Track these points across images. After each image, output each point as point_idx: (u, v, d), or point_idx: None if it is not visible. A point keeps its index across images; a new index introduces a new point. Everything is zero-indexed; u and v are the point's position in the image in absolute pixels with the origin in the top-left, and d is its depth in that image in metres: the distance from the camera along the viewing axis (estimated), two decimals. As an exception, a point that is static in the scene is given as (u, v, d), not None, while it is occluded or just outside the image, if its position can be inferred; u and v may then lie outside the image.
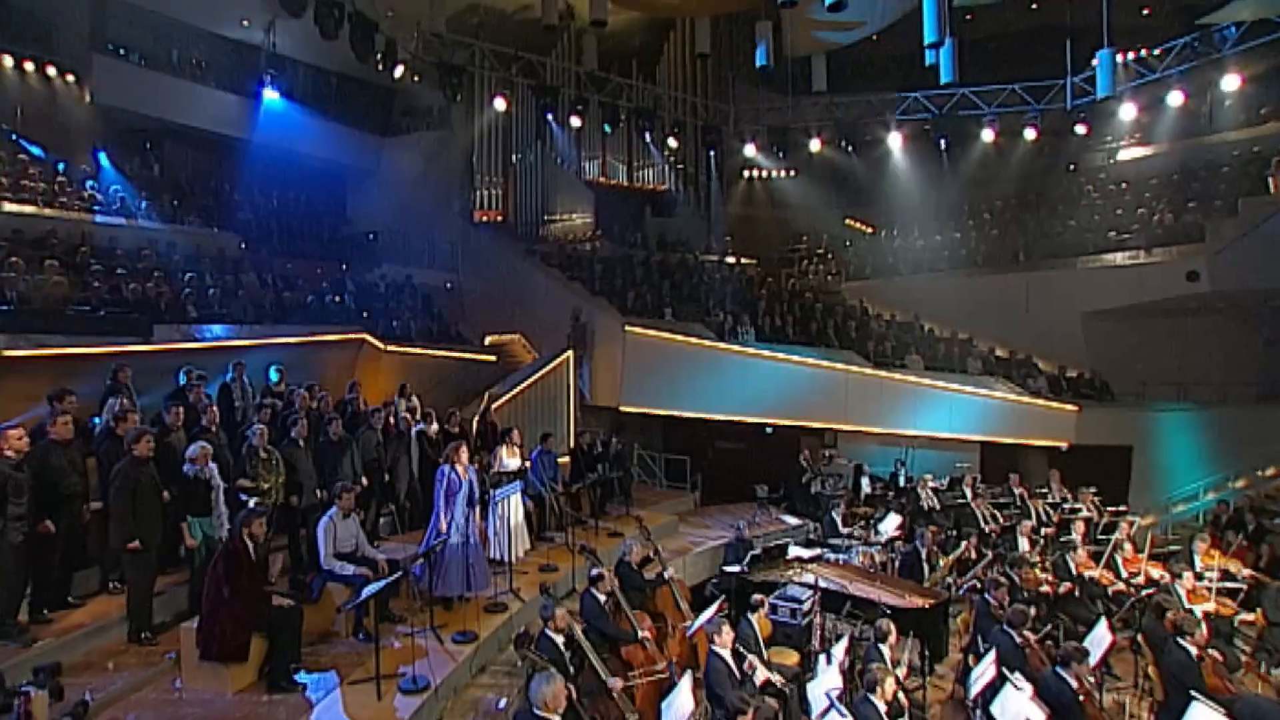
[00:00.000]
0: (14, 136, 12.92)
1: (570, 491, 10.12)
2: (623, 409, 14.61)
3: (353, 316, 13.75)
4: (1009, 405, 14.24)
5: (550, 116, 15.99)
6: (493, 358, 15.34)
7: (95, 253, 11.47)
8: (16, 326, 8.89)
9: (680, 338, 14.72)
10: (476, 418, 11.25)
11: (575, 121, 16.17)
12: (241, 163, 15.96)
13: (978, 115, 16.38)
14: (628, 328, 14.56)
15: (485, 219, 18.07)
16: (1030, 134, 16.46)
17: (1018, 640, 6.06)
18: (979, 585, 8.00)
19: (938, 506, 11.48)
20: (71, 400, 6.53)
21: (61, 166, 13.19)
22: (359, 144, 18.35)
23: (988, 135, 16.59)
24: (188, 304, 11.23)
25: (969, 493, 11.51)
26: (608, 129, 16.37)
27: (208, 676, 5.48)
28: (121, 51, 14.38)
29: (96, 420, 7.22)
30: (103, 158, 14.04)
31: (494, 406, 12.59)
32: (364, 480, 8.26)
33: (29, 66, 13.64)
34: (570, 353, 14.56)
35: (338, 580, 6.48)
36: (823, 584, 7.62)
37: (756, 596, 6.93)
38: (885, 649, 6.08)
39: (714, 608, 6.46)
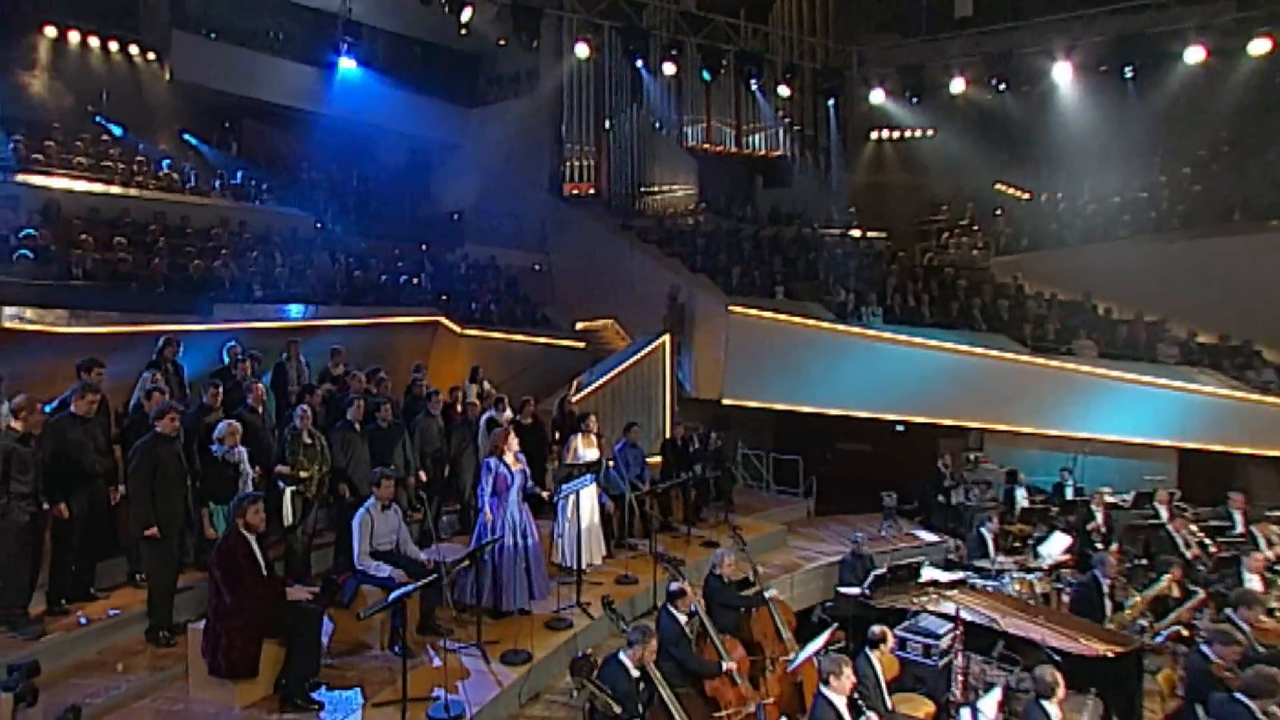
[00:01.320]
0: (98, 118, 13.55)
1: (657, 492, 9.30)
2: (725, 401, 13.64)
3: (430, 299, 13.73)
4: (1221, 403, 12.09)
5: (640, 64, 15.03)
6: (581, 343, 14.97)
7: (166, 231, 11.89)
8: (77, 302, 9.09)
9: (793, 319, 13.58)
10: (555, 407, 10.69)
11: (669, 69, 14.99)
12: (320, 139, 16.30)
13: (1179, 31, 13.38)
14: (732, 308, 13.59)
15: (576, 192, 17.67)
16: (1260, 47, 12.93)
17: (1259, 716, 4.66)
18: (1187, 633, 6.54)
19: (1113, 527, 9.81)
20: (100, 372, 6.37)
21: (141, 146, 13.87)
22: (443, 116, 18.52)
23: (1194, 56, 13.33)
24: (253, 283, 11.31)
25: (1164, 512, 9.76)
26: (707, 76, 15.23)
27: (216, 686, 5.07)
28: (200, 28, 14.97)
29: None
30: (187, 137, 14.89)
31: (578, 396, 12.11)
32: (421, 474, 7.81)
33: (113, 47, 14.51)
34: (667, 337, 13.78)
35: (372, 582, 5.97)
36: (966, 616, 6.37)
37: (878, 628, 5.82)
38: (1052, 708, 4.85)
39: (824, 638, 5.48)
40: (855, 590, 7.73)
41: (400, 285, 13.84)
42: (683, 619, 5.91)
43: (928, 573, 7.83)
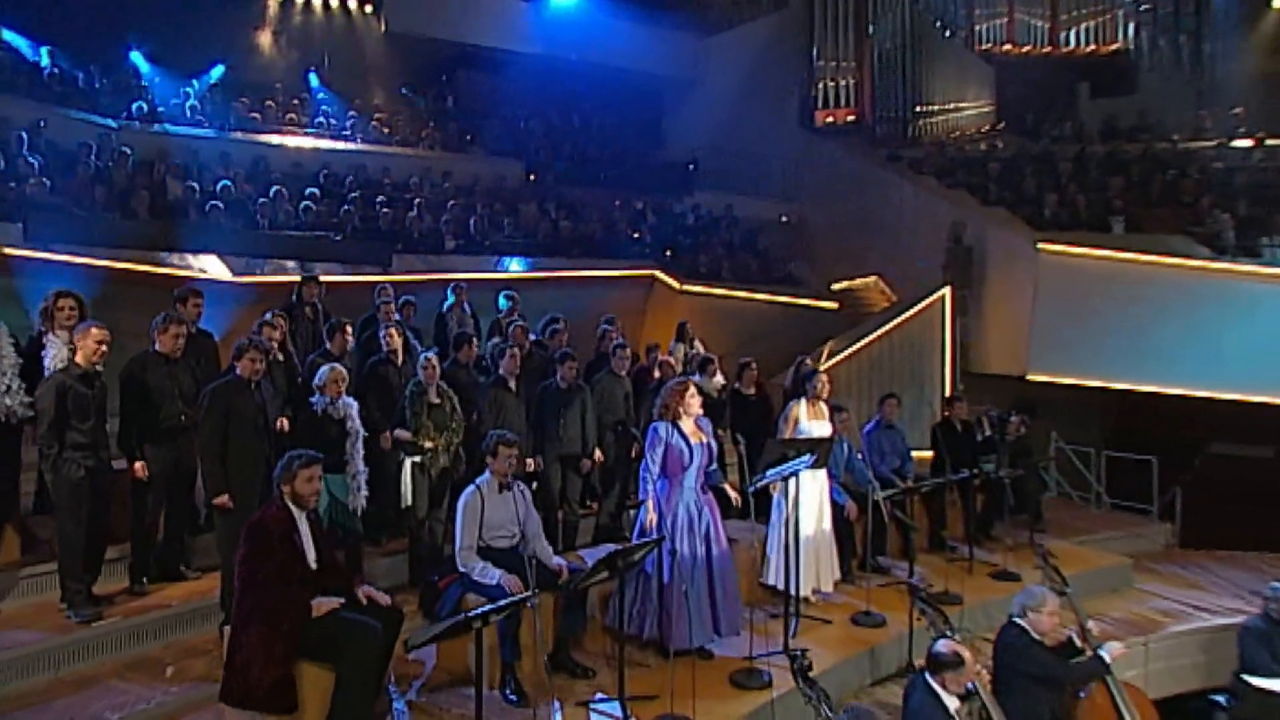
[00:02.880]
0: (311, 74, 14.21)
1: (923, 491, 7.01)
2: (1031, 377, 10.70)
3: (649, 252, 12.91)
4: None
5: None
6: (833, 304, 13.26)
7: (363, 184, 12.04)
8: (253, 250, 9.10)
9: (1143, 258, 10.22)
10: (791, 379, 8.76)
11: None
12: (537, 84, 16.15)
13: None
14: (1043, 246, 10.62)
15: (831, 120, 15.83)
16: None
17: None
18: None
19: None
20: (196, 304, 5.74)
21: (357, 102, 14.49)
22: (676, 48, 17.55)
23: None
24: (445, 234, 11.09)
25: None
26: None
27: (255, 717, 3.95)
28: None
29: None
30: (404, 91, 15.29)
31: (828, 365, 10.37)
32: (596, 453, 6.58)
33: (333, 1, 15.14)
34: (947, 290, 11.19)
35: (478, 590, 4.59)
36: None
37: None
38: None
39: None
40: (1276, 684, 4.90)
41: (614, 238, 13.19)
42: (951, 702, 3.80)
43: None
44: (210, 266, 8.74)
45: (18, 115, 9.90)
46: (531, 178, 14.68)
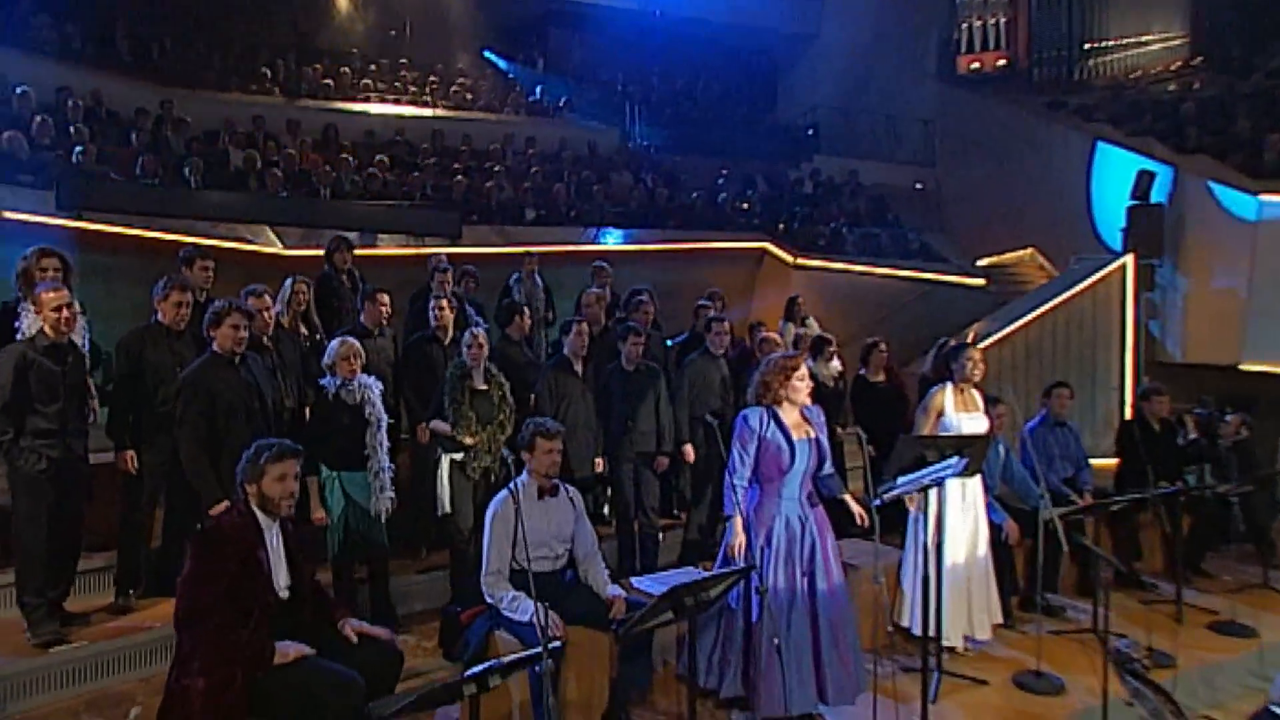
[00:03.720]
0: (394, 35, 14.00)
1: (1110, 510, 5.61)
2: (1246, 367, 8.98)
3: (761, 224, 12.27)
4: None
5: None
6: (979, 281, 11.94)
7: (440, 151, 11.79)
8: (309, 220, 8.75)
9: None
10: (929, 357, 7.53)
11: None
12: (638, 44, 15.64)
13: None
14: (1266, 199, 8.86)
15: (977, 66, 14.49)
16: None
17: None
18: None
19: None
20: (205, 268, 5.14)
21: (439, 67, 14.18)
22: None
23: None
24: (525, 204, 10.69)
25: None
26: None
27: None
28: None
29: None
30: (488, 54, 15.09)
31: (976, 349, 8.85)
32: (687, 449, 5.77)
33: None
34: (1129, 259, 9.58)
35: (510, 628, 3.68)
36: None
37: None
38: None
39: None
40: None
41: (719, 209, 12.48)
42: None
43: None
44: (261, 238, 8.30)
45: (78, 84, 9.83)
46: (628, 142, 14.21)
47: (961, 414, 4.76)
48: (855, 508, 4.18)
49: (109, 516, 4.67)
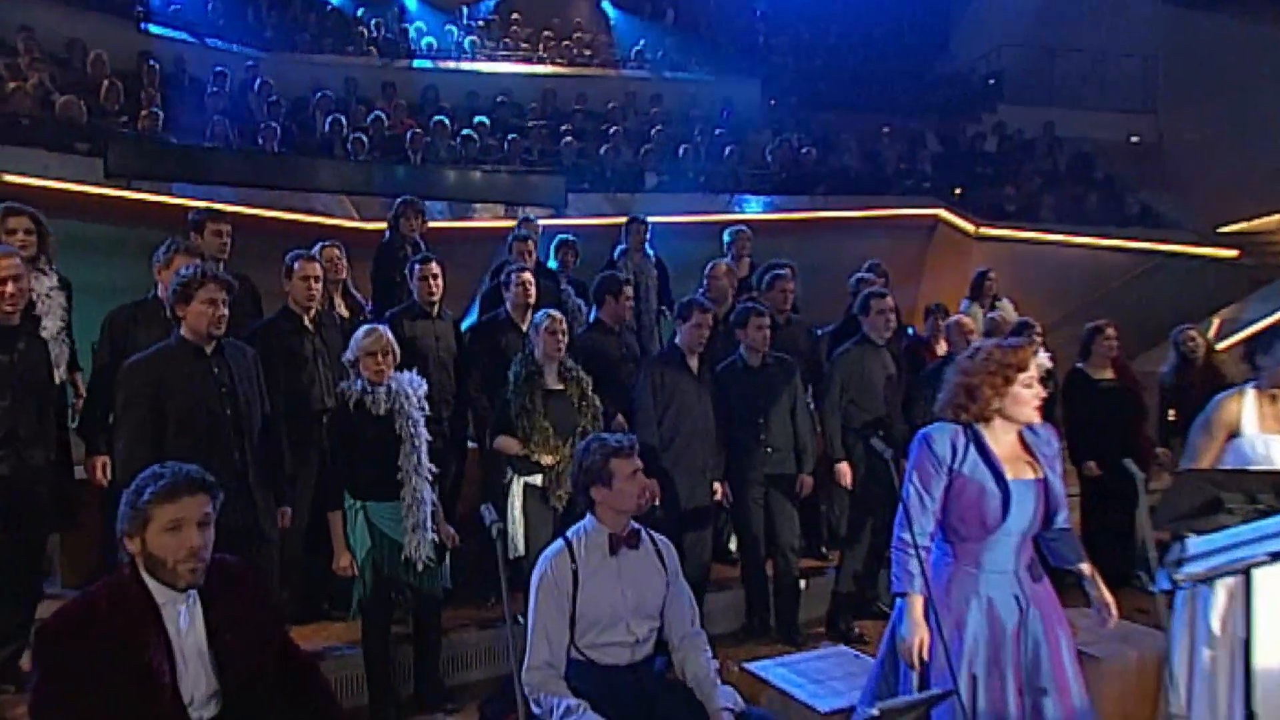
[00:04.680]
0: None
1: None
2: None
3: (933, 188, 11.36)
4: None
5: None
6: (1227, 252, 10.66)
7: (549, 113, 11.43)
8: (389, 189, 8.19)
9: None
10: (1172, 365, 6.07)
11: None
12: None
13: None
14: None
15: None
16: None
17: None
18: None
19: None
20: (218, 232, 4.38)
21: (555, 22, 13.72)
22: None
23: None
24: (646, 169, 10.09)
25: None
26: None
27: None
28: None
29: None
30: (604, 6, 14.57)
31: (1225, 344, 8.17)
32: (844, 469, 4.77)
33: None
34: None
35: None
36: None
37: None
38: None
39: None
40: None
41: (879, 172, 11.62)
42: None
43: None
44: (338, 210, 7.74)
45: (161, 49, 9.69)
46: (772, 101, 13.49)
47: (1273, 436, 3.31)
48: (1103, 594, 2.84)
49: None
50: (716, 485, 4.52)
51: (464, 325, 5.23)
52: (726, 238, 6.48)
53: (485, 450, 4.56)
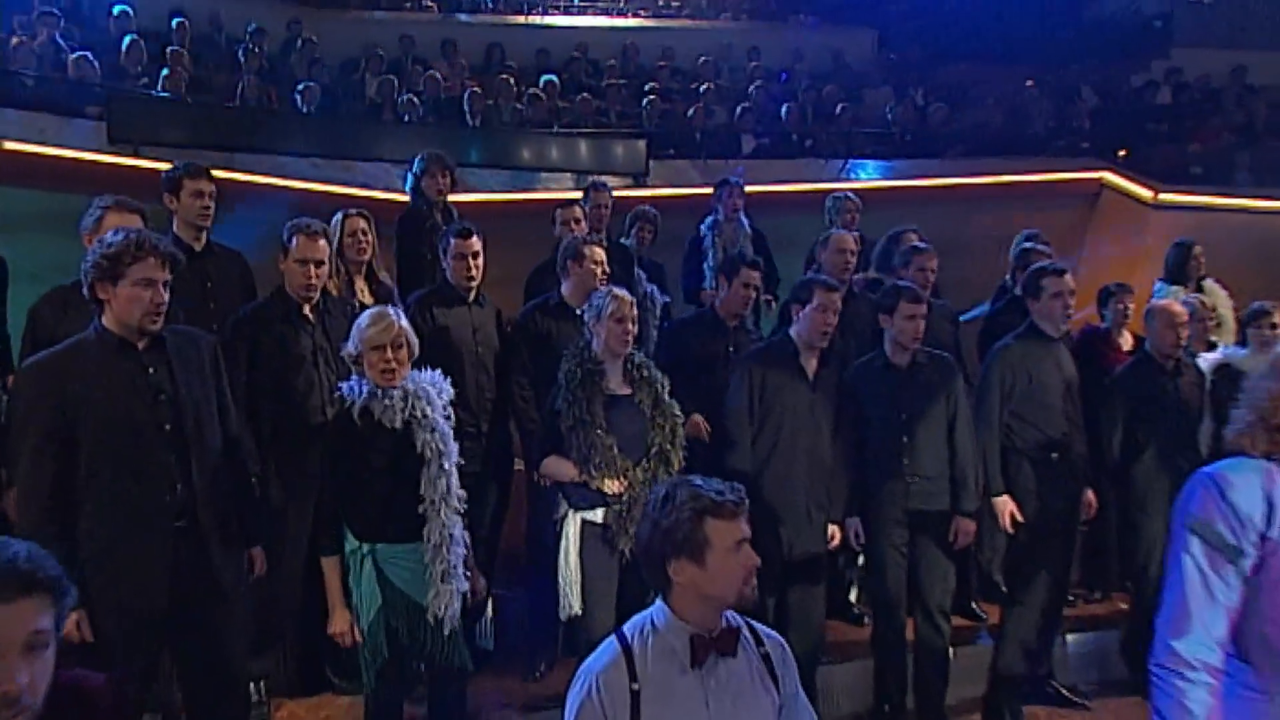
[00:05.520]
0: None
1: None
2: None
3: (1092, 148, 10.60)
4: None
5: None
6: None
7: (629, 71, 11.03)
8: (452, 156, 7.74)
9: None
10: None
11: None
12: None
13: None
14: None
15: None
16: None
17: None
18: None
19: None
20: (198, 192, 3.73)
21: None
22: None
23: None
24: (742, 131, 9.58)
25: None
26: None
27: None
28: None
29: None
30: None
31: None
32: (1009, 508, 4.00)
33: None
34: None
35: None
36: None
37: None
38: None
39: None
40: None
41: (1024, 130, 10.95)
42: None
43: None
44: (379, 181, 7.23)
45: (194, 7, 9.38)
46: (891, 55, 13.00)
47: None
48: None
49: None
50: (833, 528, 3.71)
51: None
52: (829, 203, 5.73)
53: (530, 472, 3.82)
